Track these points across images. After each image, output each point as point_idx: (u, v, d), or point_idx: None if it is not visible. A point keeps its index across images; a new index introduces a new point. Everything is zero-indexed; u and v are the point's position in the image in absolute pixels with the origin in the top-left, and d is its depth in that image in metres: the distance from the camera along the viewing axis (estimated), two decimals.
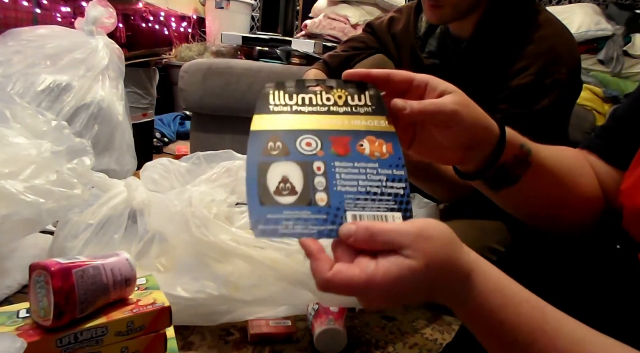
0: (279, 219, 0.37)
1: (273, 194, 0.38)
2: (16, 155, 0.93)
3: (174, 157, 1.85)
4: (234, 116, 1.77)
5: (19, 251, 1.01)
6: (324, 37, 2.17)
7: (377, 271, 0.34)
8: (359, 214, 0.40)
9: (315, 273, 0.36)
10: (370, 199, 0.41)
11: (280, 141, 0.41)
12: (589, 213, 0.58)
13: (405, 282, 0.35)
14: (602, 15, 2.14)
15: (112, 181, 1.02)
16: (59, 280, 0.58)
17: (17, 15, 1.86)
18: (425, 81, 0.47)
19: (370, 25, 1.26)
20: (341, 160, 0.42)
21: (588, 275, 0.53)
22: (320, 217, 0.38)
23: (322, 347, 0.86)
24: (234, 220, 1.04)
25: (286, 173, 0.40)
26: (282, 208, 0.38)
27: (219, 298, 0.84)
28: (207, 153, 1.18)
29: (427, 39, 1.09)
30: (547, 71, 0.92)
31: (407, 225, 0.37)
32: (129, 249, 0.90)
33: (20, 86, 1.34)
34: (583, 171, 0.58)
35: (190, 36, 3.10)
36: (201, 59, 2.07)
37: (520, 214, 0.59)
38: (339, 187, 0.40)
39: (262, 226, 0.37)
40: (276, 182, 0.39)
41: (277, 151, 0.40)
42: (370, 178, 0.42)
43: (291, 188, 0.39)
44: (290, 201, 0.38)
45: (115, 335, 0.64)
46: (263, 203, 0.38)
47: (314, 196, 0.39)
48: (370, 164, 0.43)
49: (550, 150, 0.56)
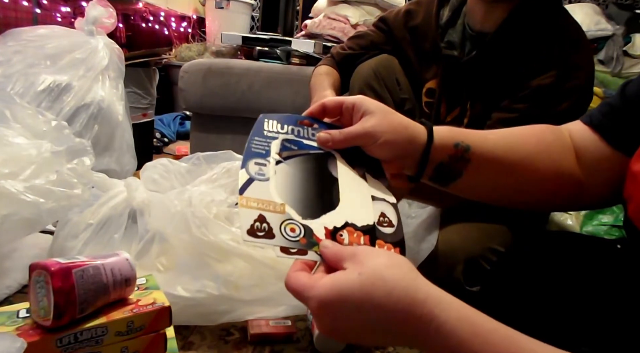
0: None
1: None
2: (16, 155, 0.92)
3: (174, 157, 1.85)
4: (234, 116, 1.77)
5: (19, 251, 1.01)
6: (324, 37, 2.17)
7: (319, 279, 0.38)
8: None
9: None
10: None
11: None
12: (554, 195, 0.58)
13: (340, 290, 0.36)
14: (602, 15, 2.14)
15: (112, 181, 1.02)
16: (59, 280, 0.58)
17: (17, 15, 1.86)
18: (352, 103, 0.51)
19: (385, 20, 1.19)
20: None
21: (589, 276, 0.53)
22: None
23: (322, 347, 0.86)
24: (234, 220, 1.04)
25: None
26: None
27: (219, 298, 0.84)
28: (207, 154, 1.18)
29: (447, 29, 1.08)
30: (568, 75, 0.91)
31: (352, 249, 0.40)
32: (129, 249, 0.90)
33: (20, 86, 1.34)
34: (545, 155, 0.57)
35: (190, 36, 3.10)
36: (201, 59, 2.07)
37: (479, 199, 0.61)
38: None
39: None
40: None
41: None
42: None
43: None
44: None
45: (115, 335, 0.64)
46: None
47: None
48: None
49: (502, 139, 0.57)
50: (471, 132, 0.56)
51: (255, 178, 0.44)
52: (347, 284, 0.36)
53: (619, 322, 0.46)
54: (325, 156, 0.50)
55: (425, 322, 0.35)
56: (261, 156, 0.47)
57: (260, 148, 0.47)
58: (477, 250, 0.89)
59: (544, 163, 0.57)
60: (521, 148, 0.57)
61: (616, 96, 0.57)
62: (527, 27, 0.95)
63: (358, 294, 0.36)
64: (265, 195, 0.43)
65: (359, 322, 0.37)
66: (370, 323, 0.36)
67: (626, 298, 0.48)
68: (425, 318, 0.35)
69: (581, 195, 0.58)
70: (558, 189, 0.58)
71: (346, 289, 0.36)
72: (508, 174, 0.56)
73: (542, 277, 0.55)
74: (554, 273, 0.54)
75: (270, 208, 0.43)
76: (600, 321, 0.47)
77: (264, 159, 0.46)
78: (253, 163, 0.46)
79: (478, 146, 0.54)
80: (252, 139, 0.48)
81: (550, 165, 0.57)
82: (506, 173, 0.56)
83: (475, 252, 0.88)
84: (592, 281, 0.52)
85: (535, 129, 0.61)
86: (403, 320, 0.36)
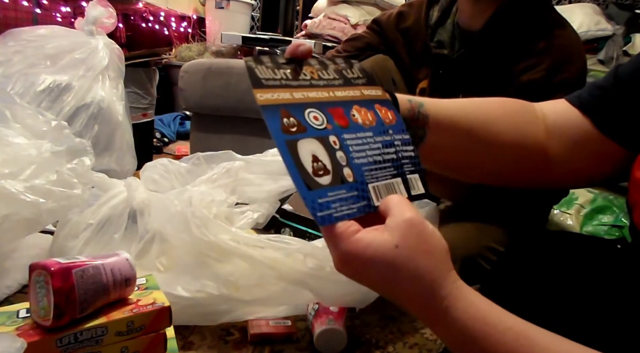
0: (328, 202, 0.38)
1: (313, 176, 0.38)
2: (16, 155, 0.92)
3: (174, 157, 1.85)
4: (234, 116, 1.77)
5: (19, 251, 1.01)
6: (324, 37, 2.17)
7: (356, 231, 0.37)
8: (376, 185, 0.41)
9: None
10: (380, 169, 0.42)
11: (292, 117, 0.40)
12: (516, 163, 0.58)
13: (371, 250, 0.36)
14: (602, 15, 2.14)
15: (112, 181, 1.02)
16: (59, 280, 0.58)
17: (17, 15, 1.86)
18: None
19: (378, 22, 1.22)
20: (347, 132, 0.42)
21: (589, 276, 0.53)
22: (353, 194, 0.39)
23: (322, 347, 0.86)
24: (234, 220, 1.04)
25: (314, 151, 0.39)
26: (326, 190, 0.38)
27: (219, 297, 0.84)
28: (207, 154, 1.18)
29: (437, 29, 1.09)
30: (558, 69, 0.92)
31: (408, 212, 0.38)
32: (129, 249, 0.90)
33: (20, 86, 1.34)
34: (507, 121, 0.57)
35: (190, 36, 3.10)
36: (201, 59, 2.07)
37: (447, 171, 0.61)
38: (355, 160, 0.41)
39: (320, 213, 0.37)
40: (310, 162, 0.38)
41: (294, 127, 0.39)
42: (373, 147, 0.43)
43: (324, 167, 0.39)
44: (328, 181, 0.38)
45: (115, 335, 0.64)
46: (310, 188, 0.37)
47: (342, 173, 0.39)
48: (383, 129, 0.44)
49: (460, 102, 0.58)
50: (424, 97, 0.56)
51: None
52: (380, 251, 0.36)
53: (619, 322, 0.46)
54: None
55: (440, 315, 0.37)
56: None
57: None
58: (475, 248, 0.89)
59: (505, 128, 0.57)
60: (481, 112, 0.57)
61: (608, 77, 0.57)
62: (515, 23, 0.96)
63: (388, 266, 0.36)
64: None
65: (378, 286, 0.38)
66: (387, 291, 0.38)
67: (626, 298, 0.48)
68: (441, 313, 0.37)
69: (551, 170, 0.58)
70: (521, 158, 0.58)
71: (378, 257, 0.36)
72: (468, 135, 0.56)
73: (542, 277, 0.55)
74: (553, 273, 0.54)
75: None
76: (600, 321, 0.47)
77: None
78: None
79: (432, 104, 0.55)
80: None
81: (513, 132, 0.57)
82: (466, 134, 0.56)
83: (473, 251, 0.89)
84: (592, 281, 0.52)
85: (501, 98, 0.61)
86: (420, 305, 0.37)
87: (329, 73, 0.47)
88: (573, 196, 1.61)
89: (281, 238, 0.87)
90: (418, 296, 0.37)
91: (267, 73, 0.43)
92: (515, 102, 0.60)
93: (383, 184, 0.42)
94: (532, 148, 0.57)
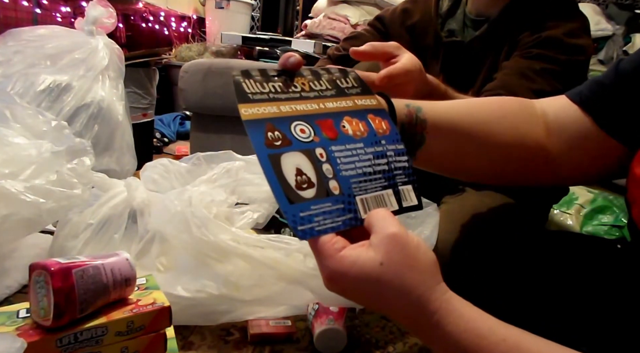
0: (310, 216, 0.37)
1: (296, 189, 0.38)
2: (16, 155, 0.92)
3: (174, 157, 1.85)
4: (234, 116, 1.74)
5: (19, 251, 1.01)
6: (324, 37, 2.17)
7: (341, 248, 0.37)
8: (365, 198, 0.41)
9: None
10: (369, 180, 0.42)
11: (277, 130, 0.40)
12: (518, 163, 0.58)
13: (356, 268, 0.36)
14: (602, 15, 2.15)
15: (112, 181, 1.02)
16: (59, 280, 0.58)
17: (17, 15, 1.86)
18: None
19: (381, 19, 1.21)
20: (335, 144, 0.42)
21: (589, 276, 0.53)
22: (339, 207, 0.39)
23: (322, 347, 0.86)
24: (234, 221, 1.04)
25: (298, 165, 0.39)
26: (309, 203, 0.38)
27: (219, 297, 0.84)
28: (207, 154, 1.18)
29: (447, 19, 1.10)
30: (573, 34, 0.93)
31: (392, 227, 0.37)
32: (129, 249, 0.90)
33: (20, 86, 1.34)
34: (506, 121, 0.57)
35: (190, 36, 3.10)
36: (201, 59, 2.07)
37: (449, 173, 0.61)
38: (343, 172, 0.41)
39: (301, 227, 0.37)
40: (293, 176, 0.38)
41: (279, 141, 0.40)
42: (363, 158, 0.42)
43: (308, 180, 0.39)
44: (312, 195, 0.38)
45: (115, 335, 0.64)
46: (292, 201, 0.37)
47: (328, 185, 0.39)
48: (375, 140, 0.44)
49: (458, 104, 0.58)
50: (422, 101, 0.56)
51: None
52: (365, 269, 0.36)
53: (619, 322, 0.46)
54: None
55: (431, 330, 0.36)
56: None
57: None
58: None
59: (505, 128, 0.57)
60: (480, 113, 0.57)
61: (608, 73, 0.57)
62: (532, 8, 0.98)
63: (374, 283, 0.36)
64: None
65: (367, 303, 0.38)
66: (377, 307, 0.38)
67: (626, 298, 0.48)
68: (432, 328, 0.36)
69: (551, 168, 0.58)
70: (521, 158, 0.58)
71: (364, 275, 0.36)
72: (468, 138, 0.56)
73: (542, 277, 0.55)
74: (554, 273, 0.54)
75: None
76: (600, 321, 0.47)
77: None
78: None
79: (430, 108, 0.55)
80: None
81: (513, 132, 0.57)
82: (466, 138, 0.56)
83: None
84: (592, 281, 0.52)
85: (500, 98, 0.61)
86: (410, 320, 0.37)
87: (322, 84, 0.47)
88: (573, 196, 1.61)
89: (281, 238, 0.87)
90: (407, 312, 0.37)
91: (254, 87, 0.43)
92: (515, 101, 0.60)
93: (372, 197, 0.41)
94: (533, 147, 0.57)
